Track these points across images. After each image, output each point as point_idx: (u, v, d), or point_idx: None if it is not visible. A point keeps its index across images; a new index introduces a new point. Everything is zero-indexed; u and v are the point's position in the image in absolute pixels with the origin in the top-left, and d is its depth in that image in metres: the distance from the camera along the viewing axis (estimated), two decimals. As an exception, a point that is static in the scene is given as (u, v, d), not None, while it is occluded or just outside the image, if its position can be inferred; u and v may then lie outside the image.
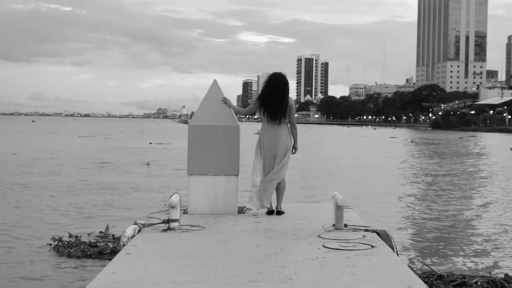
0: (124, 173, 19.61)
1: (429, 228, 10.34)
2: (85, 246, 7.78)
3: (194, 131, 6.59)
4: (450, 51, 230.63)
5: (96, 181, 16.80)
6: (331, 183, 17.28)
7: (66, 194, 13.87)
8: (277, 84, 6.39)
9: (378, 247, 4.83)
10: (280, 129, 6.47)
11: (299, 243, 5.01)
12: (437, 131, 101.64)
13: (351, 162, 26.55)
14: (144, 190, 15.04)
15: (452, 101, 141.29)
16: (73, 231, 8.67)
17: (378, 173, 20.95)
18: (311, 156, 29.98)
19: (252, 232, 5.50)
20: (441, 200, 14.07)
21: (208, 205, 6.52)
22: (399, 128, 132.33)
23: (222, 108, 6.62)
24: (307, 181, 17.91)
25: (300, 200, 13.32)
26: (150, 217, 6.04)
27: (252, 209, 6.80)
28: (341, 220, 5.65)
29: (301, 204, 8.14)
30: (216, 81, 6.78)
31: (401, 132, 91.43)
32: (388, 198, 14.28)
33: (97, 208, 11.77)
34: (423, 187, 17.09)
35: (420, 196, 14.87)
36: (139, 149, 34.67)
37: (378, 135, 73.45)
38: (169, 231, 5.45)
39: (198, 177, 6.53)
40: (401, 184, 17.76)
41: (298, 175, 19.68)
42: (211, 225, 5.81)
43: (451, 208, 12.64)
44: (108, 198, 13.28)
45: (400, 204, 13.26)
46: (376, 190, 15.82)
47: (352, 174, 20.34)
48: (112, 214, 10.94)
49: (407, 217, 11.49)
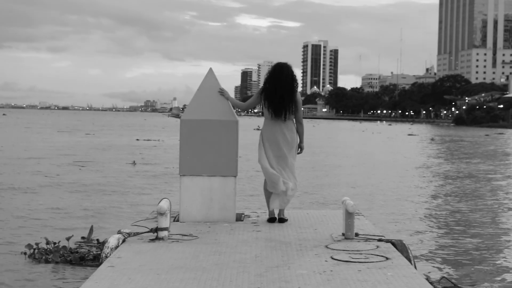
0: (107, 173, 19.60)
1: (451, 238, 10.33)
2: (65, 251, 7.80)
3: (187, 126, 6.58)
4: (476, 37, 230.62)
5: (76, 182, 16.79)
6: (340, 187, 17.26)
7: (42, 196, 13.87)
8: (284, 76, 6.38)
9: (394, 259, 4.83)
10: (285, 127, 6.46)
11: (304, 254, 5.00)
12: (460, 128, 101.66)
13: (362, 162, 26.54)
14: (130, 193, 15.02)
15: (477, 93, 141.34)
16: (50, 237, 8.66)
17: (394, 176, 20.94)
18: (318, 155, 29.98)
19: (252, 242, 5.49)
20: (465, 207, 14.06)
21: (202, 211, 6.51)
22: (417, 124, 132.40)
23: (219, 100, 6.61)
24: (313, 184, 17.90)
25: (305, 206, 13.30)
26: (136, 225, 6.04)
27: (251, 214, 6.79)
28: (352, 229, 5.64)
29: (307, 211, 8.14)
30: (211, 70, 6.77)
31: (420, 129, 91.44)
32: (404, 204, 14.27)
33: (75, 214, 11.76)
34: (444, 191, 17.08)
35: (440, 202, 14.86)
36: (124, 146, 34.67)
37: (394, 132, 73.48)
38: (157, 241, 5.44)
39: (191, 178, 6.52)
40: (420, 188, 17.76)
41: (303, 177, 19.67)
42: (205, 234, 5.80)
43: (476, 216, 12.64)
44: (88, 203, 13.26)
45: (418, 211, 13.25)
46: (391, 195, 15.81)
47: (364, 177, 20.33)
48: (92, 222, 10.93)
49: (426, 226, 11.49)
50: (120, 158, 25.68)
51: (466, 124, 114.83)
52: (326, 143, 42.95)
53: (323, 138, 52.04)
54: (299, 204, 13.42)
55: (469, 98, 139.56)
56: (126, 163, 23.34)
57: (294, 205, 12.70)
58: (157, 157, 27.06)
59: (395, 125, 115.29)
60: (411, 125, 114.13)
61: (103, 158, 25.42)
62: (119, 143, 37.40)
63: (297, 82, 6.51)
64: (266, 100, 6.47)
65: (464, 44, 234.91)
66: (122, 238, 5.43)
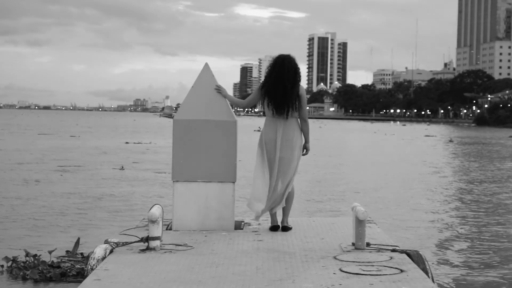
0: (93, 178, 19.62)
1: (472, 249, 10.34)
2: (44, 267, 7.78)
3: (181, 127, 6.60)
4: (499, 29, 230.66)
5: (59, 188, 16.81)
6: (350, 192, 17.27)
7: (21, 204, 13.89)
8: (285, 69, 6.40)
9: (409, 272, 4.83)
10: (288, 125, 6.47)
11: (310, 266, 5.01)
12: (482, 128, 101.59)
13: (374, 166, 26.55)
14: (118, 200, 15.04)
15: (501, 90, 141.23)
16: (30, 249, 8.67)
17: (408, 180, 20.95)
18: (325, 158, 29.98)
19: (252, 252, 5.50)
20: (487, 214, 14.07)
21: (197, 219, 6.52)
22: (434, 124, 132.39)
23: (215, 98, 6.63)
24: (319, 189, 17.91)
25: (311, 213, 13.31)
26: (124, 234, 6.05)
27: (252, 222, 6.80)
28: (363, 238, 5.65)
29: (313, 218, 8.14)
30: (207, 65, 6.79)
31: (437, 129, 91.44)
32: (420, 210, 14.28)
33: (57, 223, 11.77)
34: (464, 198, 17.09)
35: (460, 210, 14.86)
36: (112, 150, 34.69)
37: (409, 133, 73.48)
38: (148, 252, 5.45)
39: (185, 185, 6.54)
40: (437, 193, 17.76)
41: (309, 181, 19.67)
42: (200, 244, 5.81)
43: (499, 225, 12.64)
44: (72, 211, 13.28)
45: (436, 219, 13.26)
46: (406, 201, 15.82)
47: (375, 182, 20.34)
48: (76, 231, 10.94)
49: (444, 235, 11.49)
50: (107, 162, 25.70)
51: (488, 124, 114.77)
52: (334, 145, 42.94)
53: (331, 139, 52.03)
54: (305, 211, 13.43)
55: (491, 95, 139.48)
56: (113, 168, 23.35)
57: (300, 212, 12.73)
58: (148, 161, 27.06)
59: (410, 126, 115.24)
60: (428, 126, 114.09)
61: (88, 163, 25.44)
62: (107, 147, 37.41)
63: (300, 76, 6.51)
64: (267, 95, 6.48)
65: (486, 36, 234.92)
66: (110, 248, 5.44)
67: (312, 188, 18.12)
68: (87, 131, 64.94)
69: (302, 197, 15.42)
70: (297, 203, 12.02)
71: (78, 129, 69.88)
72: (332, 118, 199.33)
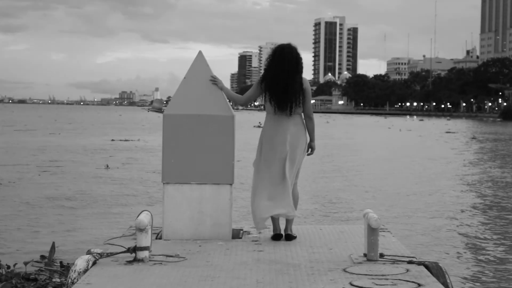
0: (74, 179, 19.64)
1: (496, 260, 10.33)
2: (19, 280, 7.76)
3: (171, 122, 6.59)
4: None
5: (37, 190, 16.82)
6: (361, 197, 17.28)
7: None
8: (285, 60, 6.39)
9: (427, 286, 4.83)
10: (292, 122, 6.47)
11: (317, 279, 5.00)
12: (509, 123, 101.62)
13: (387, 166, 26.57)
14: (101, 204, 15.05)
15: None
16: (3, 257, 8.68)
17: (426, 184, 20.96)
18: (333, 159, 30.01)
19: (252, 264, 5.50)
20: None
21: (190, 226, 6.52)
22: (455, 119, 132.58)
23: (210, 91, 6.62)
24: (327, 194, 17.92)
25: (318, 220, 13.31)
26: (109, 243, 6.04)
27: (251, 230, 6.79)
28: (376, 248, 5.64)
29: (320, 226, 8.14)
30: (201, 54, 6.78)
31: (459, 125, 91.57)
32: (439, 218, 14.29)
33: (34, 229, 11.78)
34: (489, 203, 17.09)
35: (484, 217, 14.86)
36: (97, 148, 34.74)
37: (427, 129, 73.58)
38: (136, 263, 5.45)
39: (177, 187, 6.53)
40: (459, 198, 17.77)
41: (315, 184, 19.68)
42: (194, 255, 5.81)
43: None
44: (50, 216, 13.28)
45: (457, 227, 13.26)
46: (423, 207, 15.82)
47: (389, 185, 20.35)
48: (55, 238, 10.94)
49: (467, 245, 11.49)
50: (90, 162, 25.73)
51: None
52: (343, 143, 42.98)
53: (339, 137, 52.08)
54: (311, 217, 13.43)
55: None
56: (97, 168, 23.38)
57: (305, 219, 12.73)
58: (135, 160, 27.11)
59: (428, 121, 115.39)
60: (448, 121, 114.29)
61: (70, 162, 25.48)
62: (92, 144, 37.47)
63: (302, 66, 6.50)
64: (267, 90, 6.47)
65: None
66: (93, 259, 5.43)
67: (318, 193, 18.12)
68: (68, 127, 65.00)
69: (308, 202, 15.43)
70: (302, 209, 12.02)
71: (57, 125, 69.95)
72: (341, 112, 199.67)
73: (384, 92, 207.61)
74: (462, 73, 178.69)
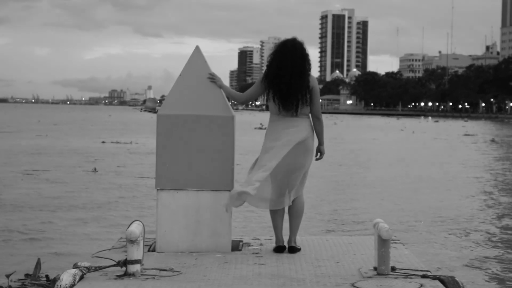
0: (59, 184, 19.64)
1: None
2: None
3: (166, 123, 6.59)
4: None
5: (19, 196, 16.82)
6: (371, 206, 17.27)
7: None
8: (291, 55, 6.39)
9: (443, 303, 4.82)
10: (298, 124, 6.46)
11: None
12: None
13: (399, 171, 26.57)
14: (89, 212, 15.04)
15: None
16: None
17: (440, 190, 20.96)
18: (341, 164, 30.01)
19: (253, 279, 5.50)
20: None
21: (186, 237, 6.52)
22: (474, 120, 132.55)
23: (208, 89, 6.63)
24: (335, 203, 17.91)
25: (324, 230, 13.30)
26: (97, 256, 6.03)
27: (252, 242, 6.78)
28: (387, 261, 5.64)
29: (326, 237, 8.14)
30: (199, 49, 6.78)
31: (478, 127, 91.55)
32: (455, 228, 14.28)
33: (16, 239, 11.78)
34: (508, 211, 17.10)
35: (503, 226, 14.86)
36: (87, 151, 34.73)
37: (443, 131, 73.58)
38: (126, 278, 5.45)
39: (172, 194, 6.53)
40: (475, 206, 17.76)
41: (321, 190, 19.67)
42: (190, 269, 5.81)
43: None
44: (34, 225, 13.28)
45: (474, 238, 13.25)
46: (438, 216, 15.81)
47: (401, 193, 20.35)
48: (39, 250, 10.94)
49: (485, 258, 11.48)
50: (78, 165, 25.74)
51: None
52: (352, 147, 43.00)
53: (348, 140, 52.08)
54: (317, 228, 13.41)
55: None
56: (83, 170, 23.40)
57: (310, 229, 12.71)
58: (127, 164, 27.11)
59: (444, 122, 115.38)
60: (465, 122, 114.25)
61: (55, 166, 25.48)
62: (83, 147, 37.52)
63: (309, 63, 6.49)
64: (271, 88, 6.46)
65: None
66: (80, 274, 5.43)
67: (325, 201, 18.12)
68: (53, 128, 65.05)
69: (313, 211, 15.41)
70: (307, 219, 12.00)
71: (41, 126, 69.99)
72: (350, 113, 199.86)
73: (396, 91, 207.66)
74: (481, 71, 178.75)
